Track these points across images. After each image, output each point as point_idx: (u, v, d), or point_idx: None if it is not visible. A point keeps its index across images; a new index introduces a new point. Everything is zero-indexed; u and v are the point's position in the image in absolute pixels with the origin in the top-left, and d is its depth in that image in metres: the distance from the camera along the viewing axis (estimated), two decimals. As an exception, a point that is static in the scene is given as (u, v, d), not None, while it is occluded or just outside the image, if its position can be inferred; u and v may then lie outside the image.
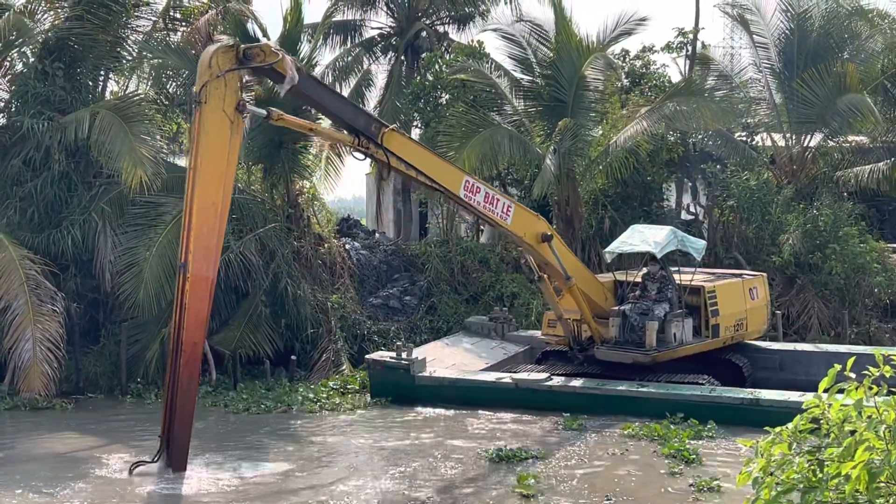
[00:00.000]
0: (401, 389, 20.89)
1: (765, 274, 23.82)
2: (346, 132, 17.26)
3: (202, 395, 22.16)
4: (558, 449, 17.03)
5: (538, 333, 23.86)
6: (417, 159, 18.05)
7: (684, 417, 18.22)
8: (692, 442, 16.78)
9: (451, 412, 19.90)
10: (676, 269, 21.76)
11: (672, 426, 17.76)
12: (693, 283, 21.40)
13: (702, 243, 22.16)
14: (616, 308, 21.11)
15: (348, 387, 22.22)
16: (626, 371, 20.33)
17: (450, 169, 19.25)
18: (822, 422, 5.96)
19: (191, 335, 15.17)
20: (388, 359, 21.43)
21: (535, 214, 20.70)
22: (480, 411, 19.74)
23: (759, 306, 22.33)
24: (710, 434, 17.38)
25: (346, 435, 18.55)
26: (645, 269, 21.55)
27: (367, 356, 22.62)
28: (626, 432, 17.75)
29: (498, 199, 19.46)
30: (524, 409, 19.75)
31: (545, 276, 21.30)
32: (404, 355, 21.09)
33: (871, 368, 5.82)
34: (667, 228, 21.83)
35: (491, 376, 21.15)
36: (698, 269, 22.22)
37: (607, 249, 21.84)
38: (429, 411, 20.16)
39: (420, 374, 20.90)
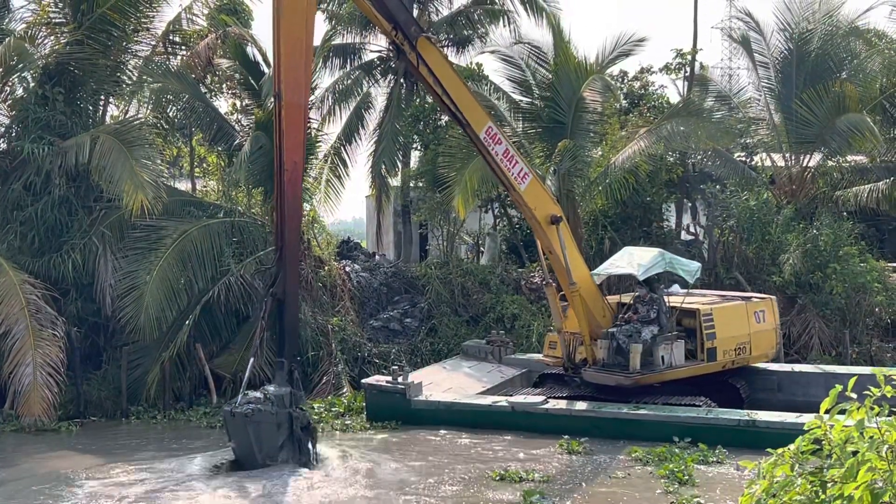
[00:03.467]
0: (397, 413, 20.83)
1: (774, 297, 23.15)
2: (385, 20, 18.32)
3: (199, 416, 22.20)
4: (561, 470, 17.03)
5: (536, 357, 23.95)
6: (447, 79, 19.14)
7: (692, 441, 18.12)
8: (699, 467, 16.68)
9: (450, 435, 19.81)
10: (686, 291, 21.63)
11: (678, 450, 17.63)
12: (689, 305, 21.26)
13: (695, 265, 21.76)
14: (605, 330, 21.00)
15: (332, 409, 22.18)
16: (622, 394, 20.25)
17: (477, 107, 19.88)
18: (824, 443, 5.94)
19: (291, 156, 17.22)
20: (384, 383, 21.39)
21: (553, 198, 21.00)
22: (481, 435, 19.63)
23: (765, 330, 21.75)
24: (720, 458, 17.21)
25: (349, 456, 18.44)
26: (637, 292, 21.37)
27: (363, 381, 22.60)
28: (632, 456, 17.62)
29: (517, 162, 19.90)
30: (519, 434, 19.64)
31: (552, 283, 21.31)
32: (400, 379, 21.04)
33: (872, 388, 5.81)
34: (655, 250, 21.61)
35: (487, 400, 21.06)
36: (709, 292, 22.11)
37: (594, 272, 21.76)
38: (428, 434, 20.04)
39: (416, 399, 20.82)
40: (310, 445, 17.36)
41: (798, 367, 22.96)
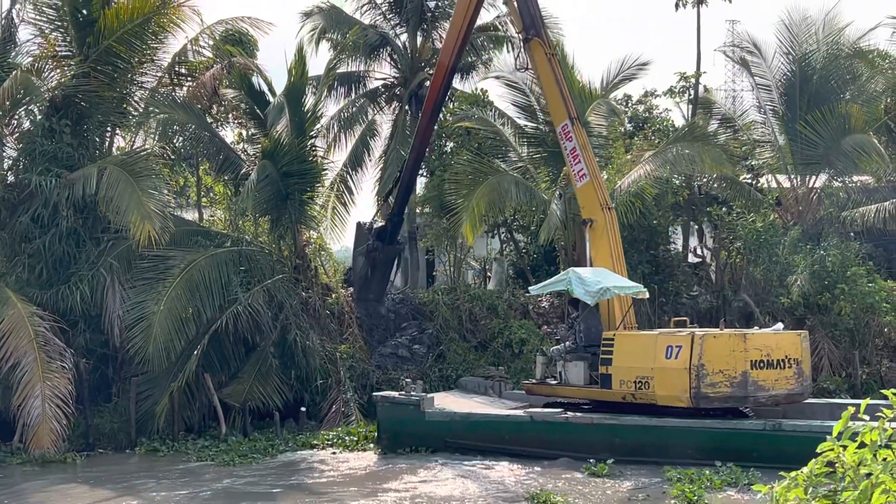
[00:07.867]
0: (410, 426, 20.58)
1: (701, 333, 18.85)
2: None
3: (198, 449, 21.86)
4: (584, 492, 17.00)
5: None
6: (543, 75, 23.65)
7: (717, 451, 18.01)
8: (727, 490, 16.56)
9: (475, 461, 19.51)
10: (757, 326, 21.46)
11: (708, 471, 17.43)
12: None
13: (597, 287, 20.15)
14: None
15: (348, 437, 22.10)
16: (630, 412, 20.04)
17: (560, 105, 23.19)
18: (837, 465, 5.91)
19: (434, 85, 26.22)
20: (397, 395, 21.30)
21: (601, 203, 22.17)
22: (501, 462, 19.40)
23: (673, 368, 18.51)
24: (752, 480, 16.83)
25: (372, 484, 18.29)
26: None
27: (374, 394, 22.56)
28: (664, 476, 17.47)
29: (580, 161, 22.24)
30: (538, 445, 19.53)
31: None
32: (413, 393, 20.98)
33: (885, 410, 5.80)
34: (567, 270, 21.85)
35: (504, 411, 20.91)
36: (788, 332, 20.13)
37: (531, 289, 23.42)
38: (450, 460, 19.83)
39: (430, 410, 20.61)
40: None
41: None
